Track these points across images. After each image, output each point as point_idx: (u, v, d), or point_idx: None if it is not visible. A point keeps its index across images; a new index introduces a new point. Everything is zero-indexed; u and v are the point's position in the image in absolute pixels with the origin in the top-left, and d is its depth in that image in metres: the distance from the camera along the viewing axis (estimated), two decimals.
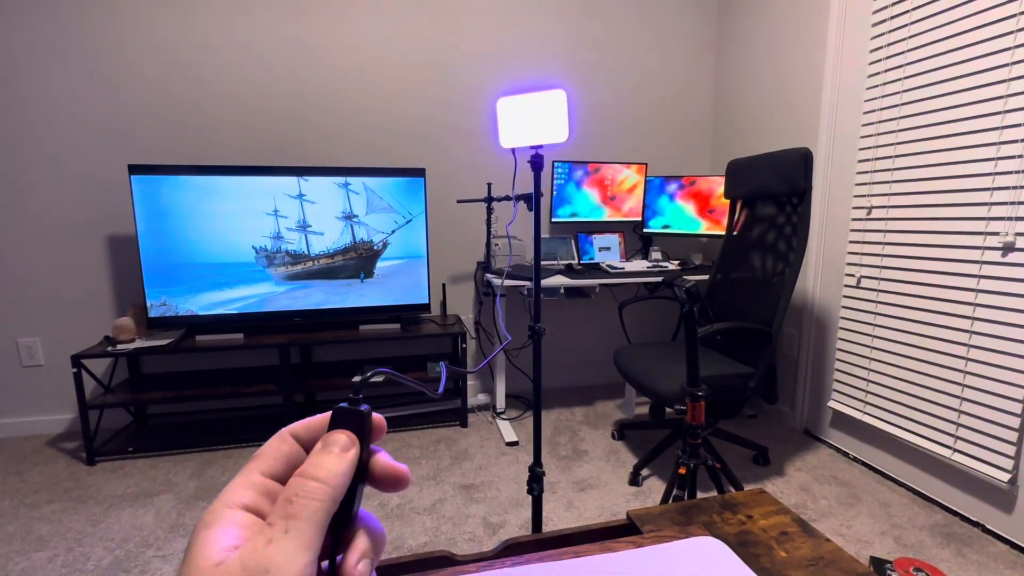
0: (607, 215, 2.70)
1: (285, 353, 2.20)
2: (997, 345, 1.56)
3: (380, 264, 2.37)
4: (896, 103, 1.85)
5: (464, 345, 2.39)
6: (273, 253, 2.25)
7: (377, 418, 0.25)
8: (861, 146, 1.99)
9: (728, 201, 2.21)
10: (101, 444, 2.19)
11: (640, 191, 2.71)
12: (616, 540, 0.52)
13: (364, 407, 0.24)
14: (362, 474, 0.24)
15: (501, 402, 2.47)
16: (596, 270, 2.53)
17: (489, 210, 2.49)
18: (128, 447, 2.16)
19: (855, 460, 2.08)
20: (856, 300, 2.03)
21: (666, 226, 2.73)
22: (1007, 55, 1.51)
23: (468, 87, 2.59)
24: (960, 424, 1.67)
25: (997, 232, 1.56)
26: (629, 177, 2.68)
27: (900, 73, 1.83)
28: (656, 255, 2.72)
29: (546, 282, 2.26)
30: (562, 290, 2.33)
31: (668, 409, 2.48)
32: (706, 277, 2.32)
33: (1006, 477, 1.54)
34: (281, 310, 2.29)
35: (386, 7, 2.44)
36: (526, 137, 1.23)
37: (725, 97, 2.83)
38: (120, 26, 2.21)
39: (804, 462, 2.08)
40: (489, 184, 2.45)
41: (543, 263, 2.57)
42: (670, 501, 1.60)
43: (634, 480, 1.93)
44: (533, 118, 1.21)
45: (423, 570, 0.50)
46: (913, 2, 1.77)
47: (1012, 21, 1.49)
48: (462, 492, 1.88)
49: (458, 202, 2.65)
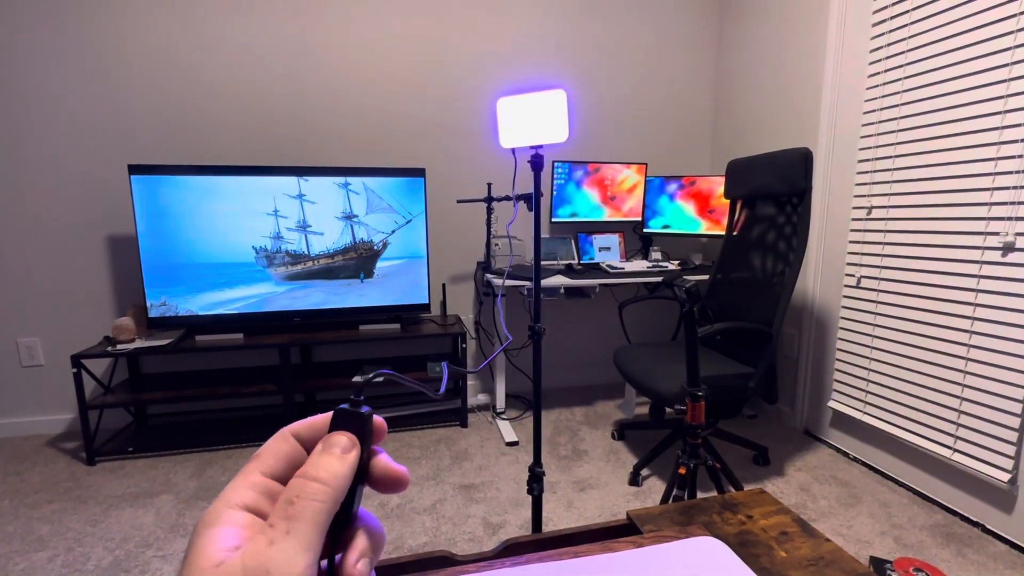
0: (607, 215, 2.69)
1: (285, 353, 2.20)
2: (997, 345, 1.56)
3: (380, 264, 2.37)
4: (896, 103, 1.85)
5: (464, 345, 2.39)
6: (273, 253, 2.25)
7: (378, 420, 0.25)
8: (861, 146, 1.99)
9: (728, 201, 2.21)
10: (101, 444, 2.19)
11: (640, 191, 2.71)
12: (616, 540, 0.52)
13: (365, 409, 0.24)
14: (362, 475, 0.24)
15: (501, 402, 2.47)
16: (596, 270, 2.53)
17: (489, 210, 2.49)
18: (128, 447, 2.16)
19: (855, 460, 2.08)
20: (856, 300, 2.03)
21: (666, 226, 2.73)
22: (1007, 55, 1.51)
23: (468, 87, 2.59)
24: (960, 424, 1.67)
25: (997, 232, 1.56)
26: (629, 177, 2.68)
27: (900, 73, 1.83)
28: (656, 255, 2.72)
29: (546, 282, 2.26)
30: (562, 290, 2.33)
31: (668, 409, 2.48)
32: (706, 277, 2.32)
33: (1006, 477, 1.54)
34: (281, 310, 2.29)
35: (386, 7, 2.44)
36: (526, 137, 1.23)
37: (725, 97, 2.83)
38: (120, 26, 2.21)
39: (804, 462, 2.08)
40: (489, 184, 2.45)
41: (543, 263, 2.57)
42: (670, 501, 1.60)
43: (634, 480, 1.93)
44: (533, 118, 1.21)
45: (423, 570, 0.50)
46: (913, 2, 1.77)
47: (1012, 21, 1.49)
48: (462, 492, 1.88)
49: (458, 202, 2.65)
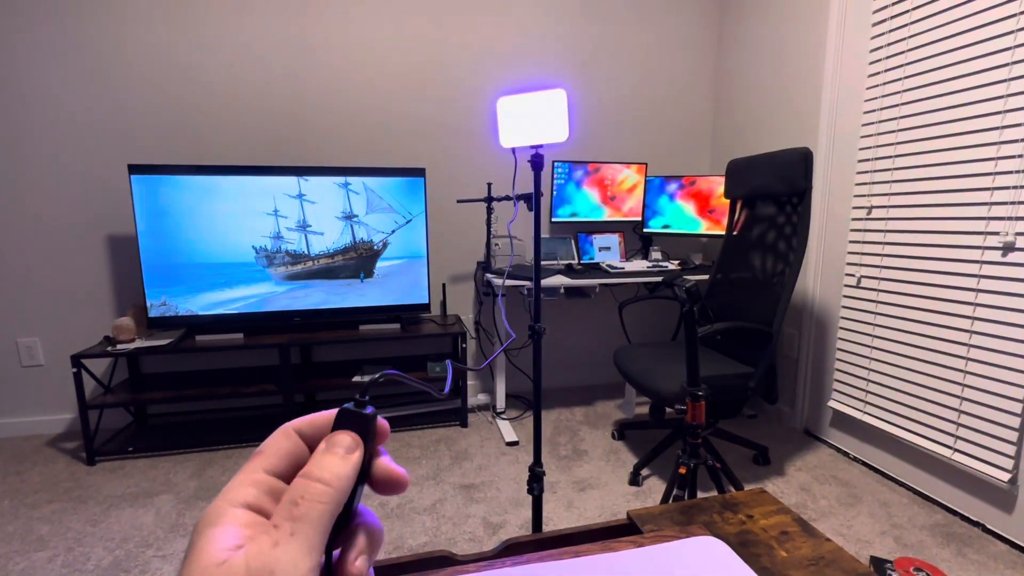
0: (607, 215, 2.69)
1: (285, 353, 2.20)
2: (997, 345, 1.56)
3: (380, 264, 2.37)
4: (896, 103, 1.85)
5: (464, 345, 2.39)
6: (273, 253, 2.25)
7: (381, 422, 0.25)
8: (861, 146, 1.99)
9: (728, 201, 2.21)
10: (101, 444, 2.19)
11: (640, 191, 2.71)
12: (616, 540, 0.52)
13: (369, 409, 0.24)
14: (364, 475, 0.24)
15: (501, 402, 2.47)
16: (596, 270, 2.52)
17: (489, 210, 2.49)
18: (128, 447, 2.16)
19: (855, 460, 2.08)
20: (856, 300, 2.03)
21: (666, 226, 2.73)
22: (1007, 55, 1.51)
23: (468, 87, 2.59)
24: (960, 424, 1.67)
25: (997, 232, 1.56)
26: (629, 177, 2.68)
27: (900, 73, 1.83)
28: (656, 255, 2.72)
29: (546, 282, 2.26)
30: (562, 290, 2.33)
31: (668, 409, 2.48)
32: (706, 277, 2.32)
33: (1006, 477, 1.54)
34: (281, 310, 2.29)
35: (386, 7, 2.44)
36: (526, 137, 1.23)
37: (725, 97, 2.83)
38: (120, 26, 2.21)
39: (804, 462, 2.08)
40: (489, 184, 2.44)
41: (543, 263, 2.57)
42: (670, 501, 1.60)
43: (634, 480, 1.93)
44: (533, 118, 1.21)
45: (423, 570, 0.50)
46: (913, 2, 1.77)
47: (1012, 21, 1.49)
48: (462, 492, 1.87)
49: (458, 202, 2.65)
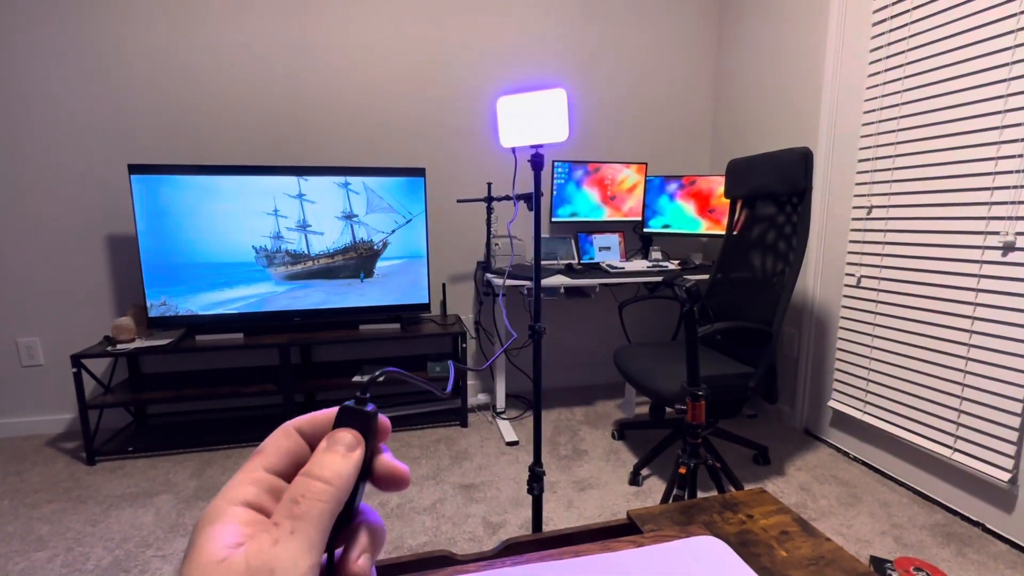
0: (607, 215, 2.69)
1: (285, 353, 2.20)
2: (997, 345, 1.56)
3: (380, 264, 2.37)
4: (896, 103, 1.85)
5: (464, 345, 2.39)
6: (273, 253, 2.25)
7: (382, 419, 0.25)
8: (861, 146, 1.99)
9: (728, 201, 2.21)
10: (101, 444, 2.19)
11: (640, 191, 2.71)
12: (616, 540, 0.52)
13: (370, 407, 0.24)
14: (365, 472, 0.24)
15: (501, 402, 2.47)
16: (596, 270, 2.52)
17: (489, 210, 2.49)
18: (128, 447, 2.16)
19: (855, 460, 2.08)
20: (856, 300, 2.03)
21: (666, 226, 2.73)
22: (1007, 55, 1.51)
23: (468, 87, 2.59)
24: (960, 424, 1.67)
25: (997, 232, 1.56)
26: (629, 177, 2.68)
27: (900, 73, 1.83)
28: (656, 255, 2.72)
29: (546, 282, 2.26)
30: (562, 290, 2.33)
31: (668, 409, 2.48)
32: (706, 277, 2.32)
33: (1006, 477, 1.54)
34: (281, 310, 2.29)
35: (386, 7, 2.44)
36: (526, 136, 1.23)
37: (725, 97, 2.83)
38: (120, 26, 2.21)
39: (804, 462, 2.08)
40: (489, 184, 2.44)
41: (543, 263, 2.57)
42: (670, 501, 1.60)
43: (634, 480, 1.93)
44: (533, 117, 1.21)
45: (423, 570, 0.50)
46: (913, 2, 1.77)
47: (1012, 21, 1.49)
48: (462, 492, 1.87)
49: (458, 202, 2.64)
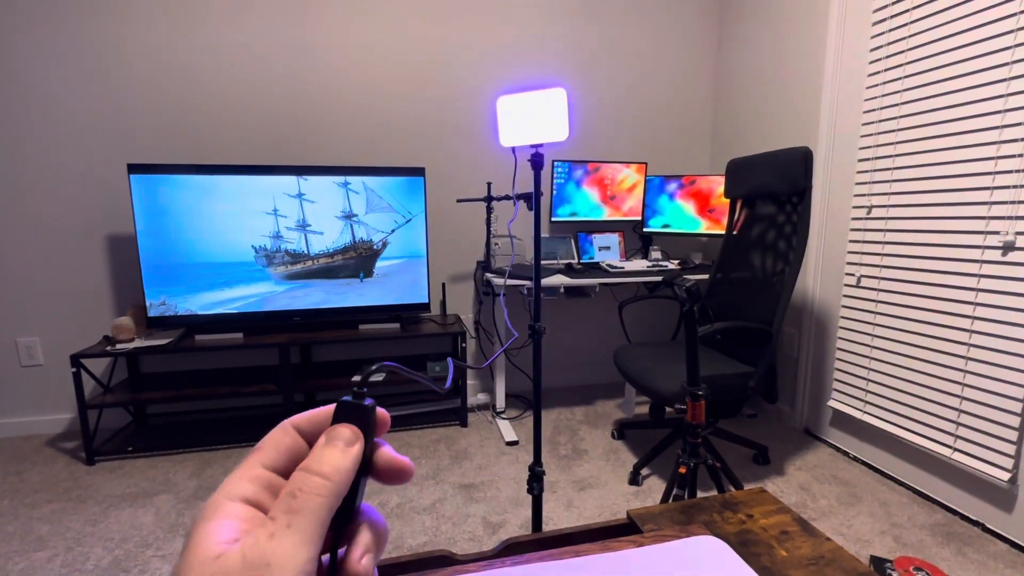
0: (607, 214, 2.69)
1: (285, 353, 2.20)
2: (997, 344, 1.56)
3: (380, 263, 2.37)
4: (896, 103, 1.85)
5: (464, 344, 2.39)
6: (273, 252, 2.25)
7: (381, 412, 0.25)
8: (861, 145, 1.99)
9: (728, 200, 2.21)
10: (100, 444, 2.19)
11: (640, 190, 2.71)
12: (616, 539, 0.52)
13: (368, 401, 0.24)
14: (365, 468, 0.24)
15: (501, 401, 2.47)
16: (596, 269, 2.52)
17: (489, 209, 2.49)
18: (127, 447, 2.16)
19: (855, 459, 2.08)
20: (856, 299, 2.03)
21: (666, 225, 2.73)
22: (1007, 55, 1.51)
23: (468, 86, 2.58)
24: (960, 423, 1.67)
25: (997, 231, 1.56)
26: (629, 176, 2.68)
27: (900, 73, 1.83)
28: (656, 254, 2.72)
29: (546, 281, 2.26)
30: (562, 289, 2.33)
31: (668, 408, 2.48)
32: (706, 276, 2.32)
33: (1006, 476, 1.54)
34: (281, 309, 2.29)
35: (386, 7, 2.44)
36: (526, 136, 1.22)
37: (725, 97, 2.83)
38: (120, 26, 2.21)
39: (804, 461, 2.08)
40: (489, 183, 2.44)
41: (543, 262, 2.57)
42: (670, 500, 1.60)
43: (634, 479, 1.93)
44: (533, 117, 1.20)
45: (423, 569, 0.50)
46: (913, 2, 1.77)
47: (1012, 20, 1.49)
48: (462, 492, 1.87)
49: (458, 201, 2.64)
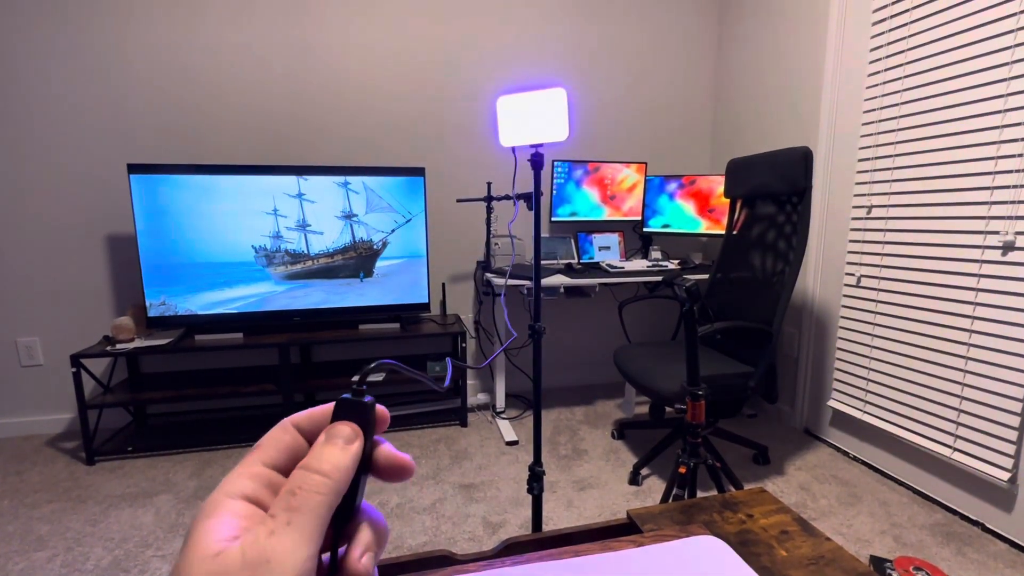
0: (607, 214, 2.69)
1: (284, 353, 2.20)
2: (997, 344, 1.56)
3: (380, 263, 2.37)
4: (896, 103, 1.85)
5: (464, 344, 2.39)
6: (273, 252, 2.25)
7: (380, 409, 0.25)
8: (861, 145, 1.99)
9: (728, 200, 2.21)
10: (100, 444, 2.19)
11: (640, 190, 2.71)
12: (616, 539, 0.52)
13: (368, 398, 0.24)
14: (365, 465, 0.23)
15: (501, 401, 2.47)
16: (596, 269, 2.52)
17: (489, 209, 2.49)
18: (127, 447, 2.16)
19: (855, 459, 2.08)
20: (856, 299, 2.03)
21: (666, 225, 2.73)
22: (1007, 55, 1.51)
23: (468, 86, 2.58)
24: (960, 423, 1.67)
25: (997, 231, 1.56)
26: (629, 176, 2.68)
27: (900, 72, 1.83)
28: (656, 254, 2.72)
29: (546, 281, 2.26)
30: (562, 289, 2.33)
31: (668, 408, 2.48)
32: (706, 276, 2.32)
33: (1006, 476, 1.54)
34: (281, 309, 2.29)
35: (386, 7, 2.44)
36: (526, 136, 1.22)
37: (725, 97, 2.83)
38: (120, 26, 2.21)
39: (804, 461, 2.08)
40: (489, 183, 2.44)
41: (543, 262, 2.57)
42: (670, 500, 1.60)
43: (634, 479, 1.93)
44: (533, 117, 1.21)
45: (423, 569, 0.50)
46: (913, 2, 1.77)
47: (1012, 20, 1.49)
48: (462, 491, 1.87)
49: (458, 201, 2.64)
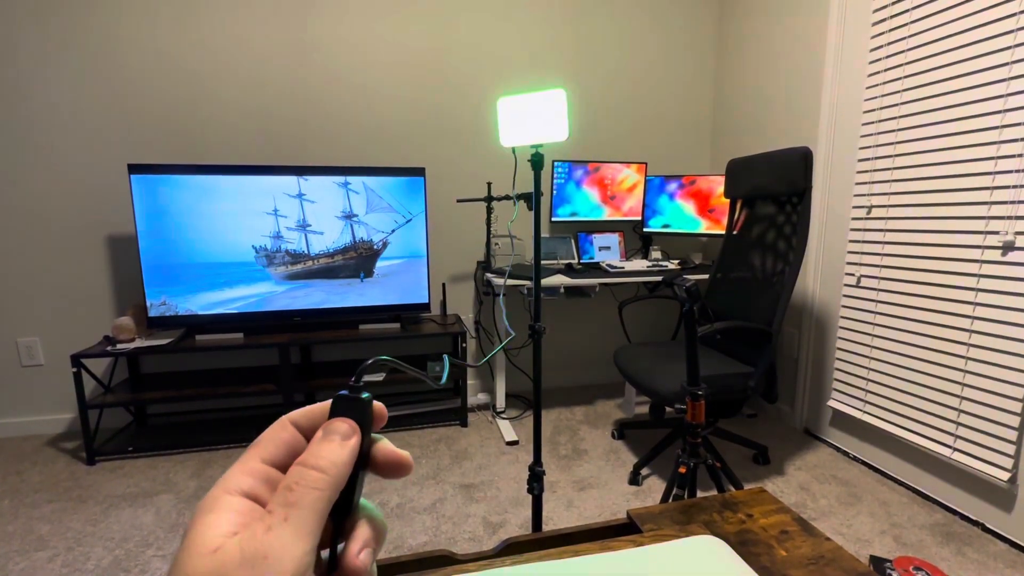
0: (607, 214, 2.69)
1: (285, 353, 2.20)
2: (997, 344, 1.56)
3: (380, 263, 2.37)
4: (896, 103, 1.85)
5: (464, 344, 2.39)
6: (273, 252, 2.25)
7: (378, 406, 0.25)
8: (861, 145, 1.99)
9: (728, 200, 2.21)
10: (101, 444, 2.19)
11: (640, 190, 2.71)
12: (616, 539, 0.52)
13: (365, 395, 0.24)
14: (363, 462, 0.24)
15: (501, 401, 2.47)
16: (596, 269, 2.52)
17: (489, 209, 2.49)
18: (128, 447, 2.16)
19: (855, 459, 2.08)
20: (856, 299, 2.03)
21: (666, 225, 2.73)
22: (1007, 55, 1.51)
23: (468, 86, 2.58)
24: (960, 423, 1.67)
25: (997, 231, 1.56)
26: (629, 176, 2.68)
27: (900, 73, 1.83)
28: (656, 254, 2.72)
29: (546, 281, 2.26)
30: (562, 289, 2.33)
31: (668, 408, 2.48)
32: (706, 276, 2.32)
33: (1006, 476, 1.54)
34: (281, 309, 2.29)
35: (386, 7, 2.44)
36: (526, 136, 1.23)
37: (725, 97, 2.83)
38: (120, 26, 2.21)
39: (804, 461, 2.08)
40: (489, 183, 2.44)
41: (543, 262, 2.57)
42: (670, 500, 1.60)
43: (634, 479, 1.93)
44: (533, 117, 1.21)
45: (423, 569, 0.50)
46: (913, 2, 1.77)
47: (1012, 20, 1.49)
48: (462, 491, 1.88)
49: (458, 201, 2.64)
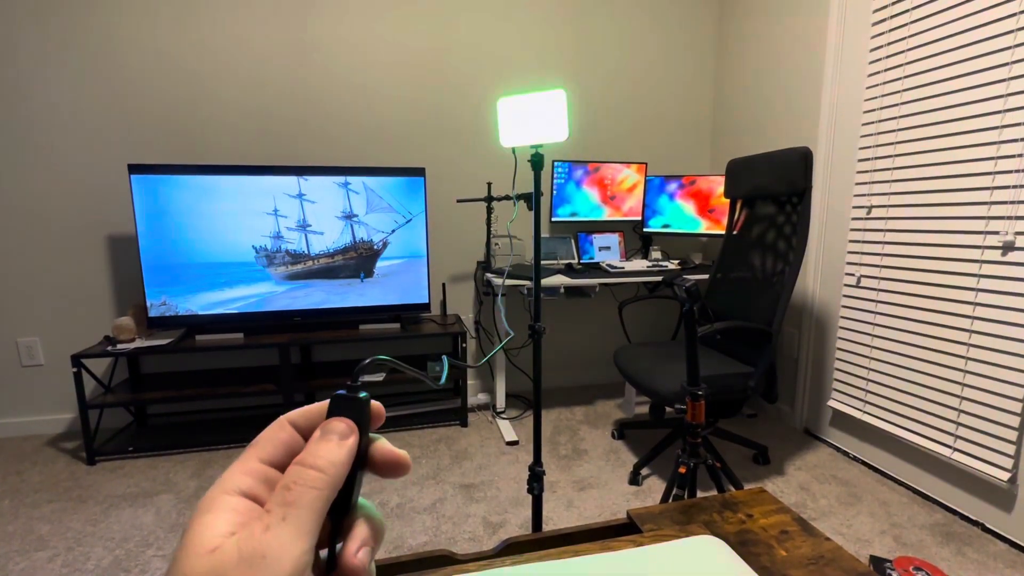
0: (607, 215, 2.69)
1: (285, 353, 2.20)
2: (997, 344, 1.56)
3: (380, 264, 2.37)
4: (896, 103, 1.85)
5: (464, 344, 2.39)
6: (273, 253, 2.25)
7: (376, 405, 0.25)
8: (861, 145, 1.99)
9: (728, 200, 2.21)
10: (101, 444, 2.19)
11: (640, 190, 2.71)
12: (616, 539, 0.52)
13: (363, 394, 0.24)
14: (362, 461, 0.24)
15: (501, 401, 2.47)
16: (596, 269, 2.52)
17: (489, 209, 2.49)
18: (128, 447, 2.16)
19: (855, 459, 2.08)
20: (856, 299, 2.03)
21: (666, 225, 2.73)
22: (1007, 55, 1.51)
23: (468, 87, 2.59)
24: (960, 423, 1.67)
25: (997, 231, 1.56)
26: (629, 176, 2.68)
27: (900, 73, 1.83)
28: (656, 254, 2.72)
29: (546, 281, 2.26)
30: (562, 289, 2.33)
31: (668, 408, 2.48)
32: (706, 276, 2.32)
33: (1006, 476, 1.54)
34: (281, 310, 2.29)
35: (386, 7, 2.44)
36: (526, 136, 1.23)
37: (725, 97, 2.83)
38: (120, 26, 2.21)
39: (804, 461, 2.08)
40: (489, 183, 2.45)
41: (543, 262, 2.57)
42: (670, 500, 1.60)
43: (634, 479, 1.93)
44: (533, 117, 1.21)
45: (423, 569, 0.50)
46: (913, 2, 1.77)
47: (1012, 20, 1.49)
48: (462, 491, 1.88)
49: (458, 201, 2.64)
